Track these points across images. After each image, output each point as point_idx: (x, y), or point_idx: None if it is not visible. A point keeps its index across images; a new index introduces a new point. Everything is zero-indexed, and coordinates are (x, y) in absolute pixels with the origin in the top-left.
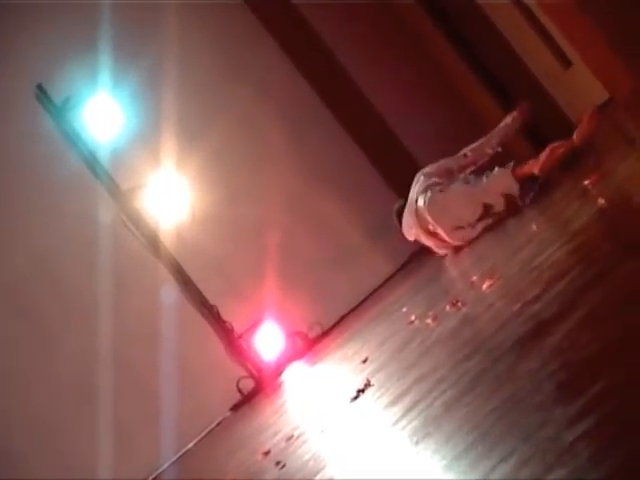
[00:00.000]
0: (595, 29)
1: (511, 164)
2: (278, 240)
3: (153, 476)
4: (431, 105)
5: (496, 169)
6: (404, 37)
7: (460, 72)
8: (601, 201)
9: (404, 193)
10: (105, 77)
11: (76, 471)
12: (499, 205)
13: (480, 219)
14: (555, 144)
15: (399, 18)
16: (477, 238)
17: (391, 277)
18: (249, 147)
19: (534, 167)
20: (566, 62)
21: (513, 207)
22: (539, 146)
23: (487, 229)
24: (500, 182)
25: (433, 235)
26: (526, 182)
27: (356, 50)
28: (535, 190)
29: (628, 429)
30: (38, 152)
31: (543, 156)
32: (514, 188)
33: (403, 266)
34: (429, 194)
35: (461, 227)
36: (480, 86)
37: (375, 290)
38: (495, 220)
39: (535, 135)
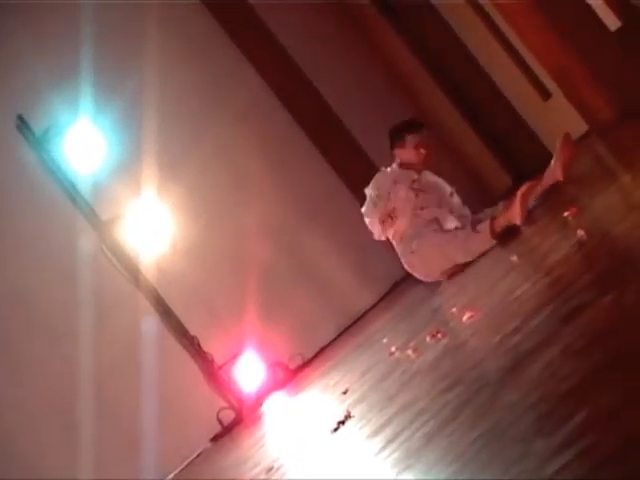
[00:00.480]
0: (575, 61)
1: (487, 223)
2: (259, 270)
3: None
4: None
5: (479, 227)
6: (388, 77)
7: (445, 108)
8: (580, 233)
9: None
10: (86, 107)
11: None
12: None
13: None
14: (524, 188)
15: (386, 58)
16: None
17: (372, 308)
18: (230, 177)
19: (512, 218)
20: (545, 93)
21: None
22: (518, 178)
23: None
24: (480, 245)
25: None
26: (505, 233)
27: (342, 86)
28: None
29: (609, 461)
30: (18, 182)
31: (517, 205)
32: (491, 245)
33: (384, 297)
34: (415, 243)
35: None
36: (470, 131)
37: (356, 321)
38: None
39: (514, 166)
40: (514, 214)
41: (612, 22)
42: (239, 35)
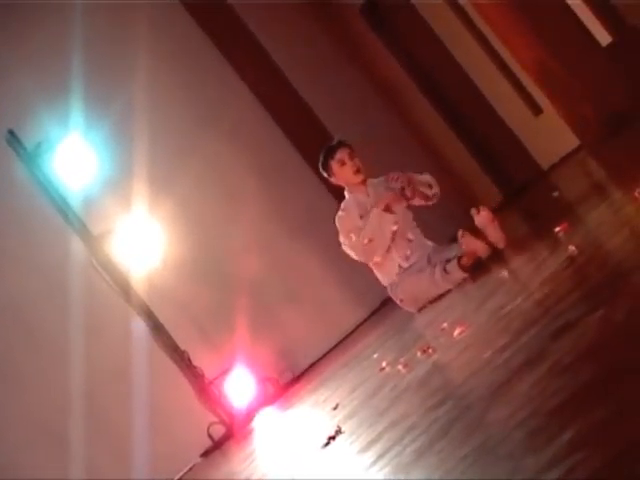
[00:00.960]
0: (566, 76)
1: (454, 263)
2: (249, 286)
3: None
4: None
5: (448, 267)
6: (378, 88)
7: (435, 123)
8: (572, 248)
9: None
10: (76, 122)
11: None
12: None
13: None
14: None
15: (376, 73)
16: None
17: (362, 323)
18: (220, 192)
19: (477, 253)
20: (536, 109)
21: None
22: (511, 193)
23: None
24: (453, 282)
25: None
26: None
27: (334, 101)
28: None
29: (598, 477)
30: (9, 197)
31: (472, 242)
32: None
33: (374, 312)
34: (399, 291)
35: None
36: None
37: (346, 336)
38: None
39: (505, 181)
40: (476, 248)
41: (603, 37)
42: (231, 51)
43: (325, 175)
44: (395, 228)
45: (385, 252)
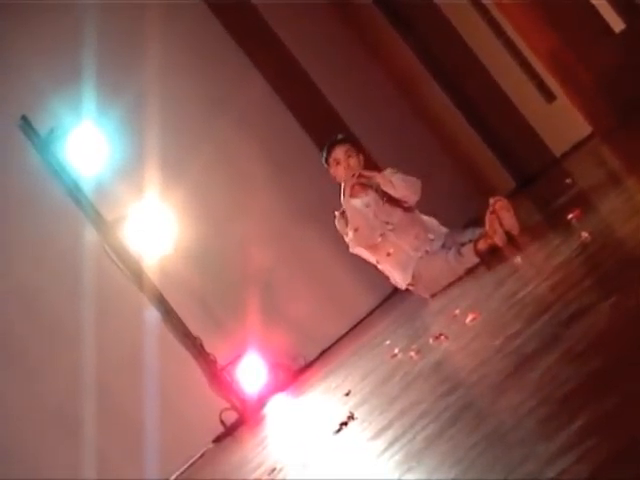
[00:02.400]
0: (579, 63)
1: (470, 246)
2: (261, 272)
3: None
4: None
5: (463, 250)
6: (392, 78)
7: (448, 111)
8: (584, 235)
9: None
10: (89, 108)
11: None
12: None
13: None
14: (492, 207)
15: (388, 60)
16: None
17: (374, 310)
18: (233, 179)
19: (495, 239)
20: (550, 96)
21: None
22: (521, 180)
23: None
24: (466, 266)
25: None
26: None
27: (344, 88)
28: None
29: (610, 464)
30: (22, 183)
31: (496, 226)
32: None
33: (387, 299)
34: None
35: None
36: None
37: (358, 323)
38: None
39: (517, 169)
40: (496, 235)
41: (617, 24)
42: (243, 37)
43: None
44: (368, 208)
45: (379, 235)
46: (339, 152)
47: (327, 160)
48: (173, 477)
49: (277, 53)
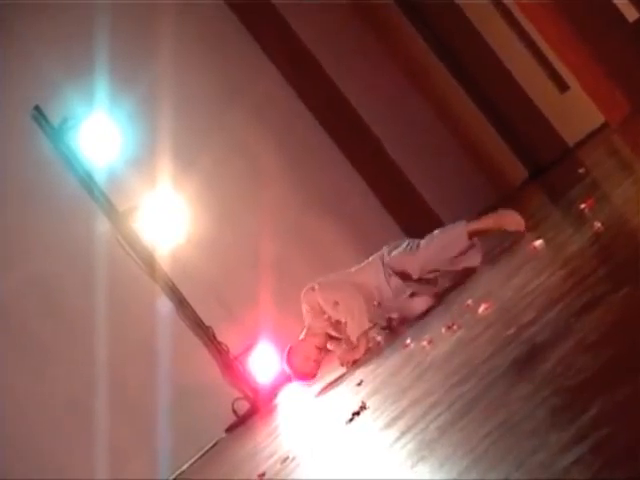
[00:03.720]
0: (592, 53)
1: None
2: (273, 262)
3: None
4: (430, 131)
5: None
6: (405, 69)
7: (462, 101)
8: (597, 225)
9: (401, 217)
10: (102, 98)
11: None
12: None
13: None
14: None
15: (400, 50)
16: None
17: None
18: (245, 169)
19: (488, 224)
20: (563, 86)
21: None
22: (537, 170)
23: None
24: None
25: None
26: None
27: (358, 79)
28: None
29: (622, 455)
30: (35, 173)
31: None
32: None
33: None
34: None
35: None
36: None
37: None
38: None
39: (531, 158)
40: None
41: (630, 14)
42: (257, 28)
43: None
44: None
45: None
46: None
47: None
48: (186, 466)
49: (290, 44)
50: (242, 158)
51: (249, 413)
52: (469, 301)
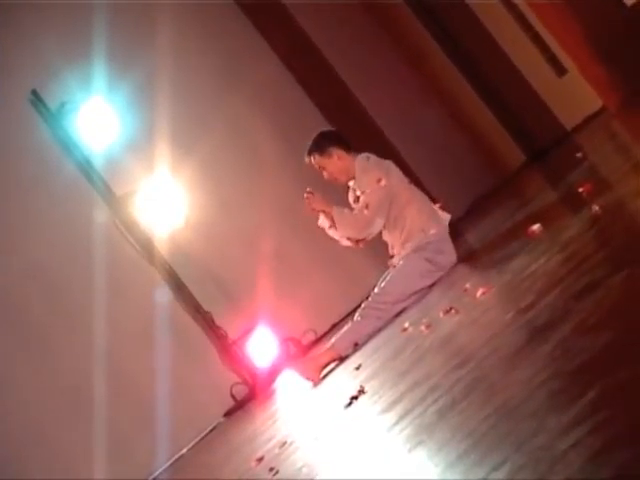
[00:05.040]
0: (591, 37)
1: None
2: (271, 247)
3: None
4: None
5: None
6: (404, 54)
7: (459, 84)
8: (595, 208)
9: None
10: (100, 83)
11: (70, 476)
12: None
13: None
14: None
15: (399, 35)
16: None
17: None
18: (244, 154)
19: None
20: (561, 69)
21: None
22: (534, 155)
23: None
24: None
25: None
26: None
27: (358, 65)
28: None
29: (621, 437)
30: (32, 157)
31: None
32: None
33: None
34: None
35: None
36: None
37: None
38: None
39: (528, 142)
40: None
41: None
42: (255, 13)
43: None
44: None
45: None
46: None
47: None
48: (184, 450)
49: (289, 30)
50: (240, 143)
51: (247, 398)
52: (467, 285)
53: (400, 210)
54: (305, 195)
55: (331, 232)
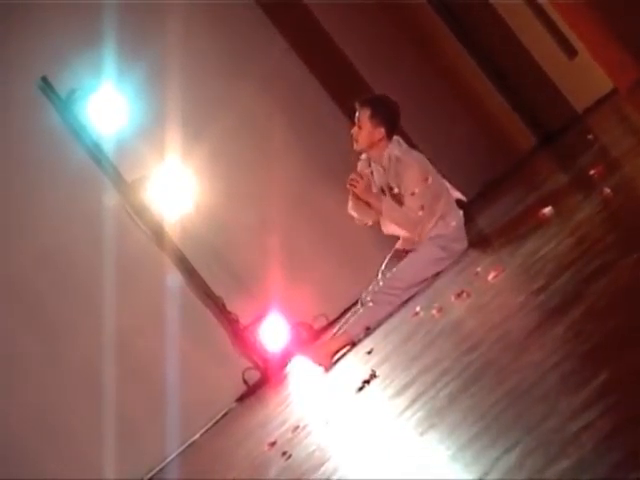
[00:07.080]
0: (601, 20)
1: None
2: (283, 232)
3: (159, 467)
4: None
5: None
6: (413, 37)
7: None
8: (606, 190)
9: None
10: (110, 69)
11: (81, 462)
12: None
13: None
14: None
15: (408, 18)
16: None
17: None
18: (254, 140)
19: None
20: (572, 51)
21: None
22: (546, 136)
23: None
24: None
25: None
26: None
27: (369, 50)
28: None
29: (632, 420)
30: (43, 144)
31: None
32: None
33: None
34: None
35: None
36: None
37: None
38: None
39: (539, 125)
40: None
41: None
42: (266, 1)
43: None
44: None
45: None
46: (355, 115)
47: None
48: (197, 436)
49: (299, 15)
50: (251, 129)
51: (259, 383)
52: (478, 269)
53: (436, 204)
54: (350, 177)
55: (356, 216)
